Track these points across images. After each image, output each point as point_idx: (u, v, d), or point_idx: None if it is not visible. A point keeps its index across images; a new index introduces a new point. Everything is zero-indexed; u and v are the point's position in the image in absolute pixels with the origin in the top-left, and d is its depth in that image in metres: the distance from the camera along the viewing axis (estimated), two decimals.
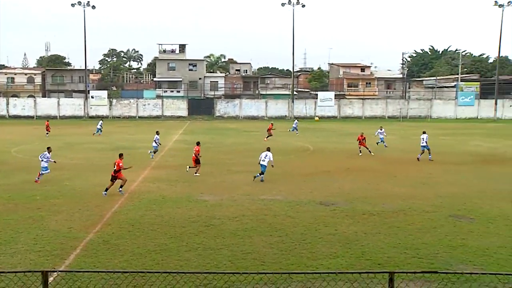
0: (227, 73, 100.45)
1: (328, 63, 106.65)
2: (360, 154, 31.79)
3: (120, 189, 19.78)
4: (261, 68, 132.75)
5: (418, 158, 29.28)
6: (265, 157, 23.05)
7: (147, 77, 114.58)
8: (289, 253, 12.68)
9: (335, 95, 78.14)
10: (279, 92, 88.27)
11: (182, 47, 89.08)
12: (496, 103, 74.75)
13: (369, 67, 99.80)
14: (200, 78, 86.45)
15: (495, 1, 71.58)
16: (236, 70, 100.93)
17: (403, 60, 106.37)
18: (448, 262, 12.02)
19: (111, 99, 75.76)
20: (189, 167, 24.82)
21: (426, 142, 29.21)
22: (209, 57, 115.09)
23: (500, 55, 79.23)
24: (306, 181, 22.80)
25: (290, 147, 36.49)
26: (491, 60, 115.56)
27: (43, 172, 22.53)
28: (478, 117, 74.68)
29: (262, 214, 16.72)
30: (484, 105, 76.21)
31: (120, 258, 12.28)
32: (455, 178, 23.78)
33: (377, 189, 21.07)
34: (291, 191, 20.61)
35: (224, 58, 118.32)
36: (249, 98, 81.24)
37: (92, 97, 75.20)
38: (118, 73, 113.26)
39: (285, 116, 74.42)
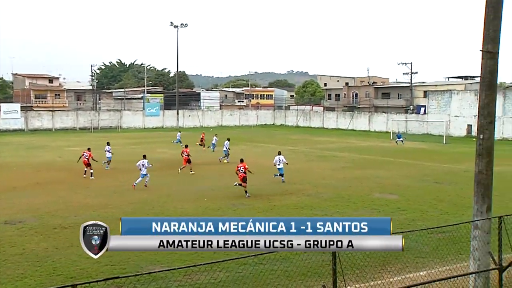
0: None
1: (12, 73, 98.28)
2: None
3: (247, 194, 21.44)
4: None
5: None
6: (279, 161, 25.22)
7: None
8: None
9: (21, 107, 72.41)
10: None
11: None
12: (177, 114, 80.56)
13: (58, 78, 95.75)
14: None
15: (171, 22, 77.20)
16: None
17: (92, 72, 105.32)
18: (138, 265, 12.32)
19: None
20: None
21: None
22: None
23: (179, 70, 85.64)
24: None
25: None
26: (172, 74, 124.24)
27: (141, 178, 23.46)
28: (164, 126, 79.09)
29: None
30: (168, 115, 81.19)
31: None
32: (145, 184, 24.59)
33: (69, 201, 20.28)
34: None
35: None
36: None
37: None
38: None
39: None
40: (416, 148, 46.31)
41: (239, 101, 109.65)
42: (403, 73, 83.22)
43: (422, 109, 70.45)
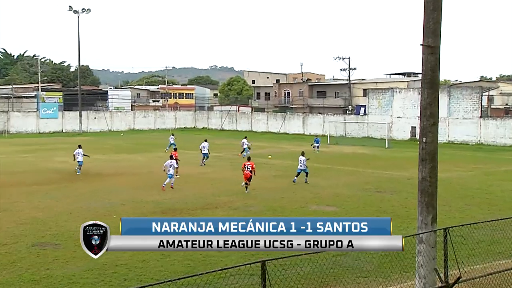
0: None
1: None
2: None
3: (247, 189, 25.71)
4: None
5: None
6: (300, 162, 28.88)
7: None
8: None
9: None
10: None
11: None
12: (80, 115, 78.27)
13: None
14: None
15: (70, 6, 74.88)
16: None
17: None
18: None
19: None
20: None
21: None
22: None
23: (81, 64, 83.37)
24: None
25: None
26: (72, 69, 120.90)
27: (169, 179, 26.74)
28: (63, 131, 76.75)
29: None
30: (69, 117, 78.80)
31: None
32: (39, 200, 23.72)
33: None
34: None
35: None
36: None
37: None
38: None
39: None
40: (356, 153, 47.69)
41: (154, 101, 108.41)
42: (340, 69, 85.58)
43: (362, 109, 72.78)
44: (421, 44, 10.16)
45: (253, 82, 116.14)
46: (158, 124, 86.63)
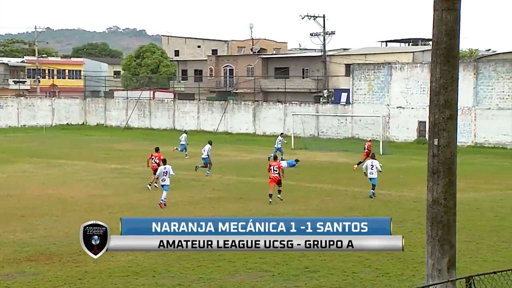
0: None
1: None
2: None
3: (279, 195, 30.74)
4: None
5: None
6: (371, 168, 31.45)
7: None
8: None
9: None
10: None
11: None
12: None
13: None
14: None
15: None
16: None
17: None
18: None
19: None
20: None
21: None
22: None
23: None
24: None
25: None
26: None
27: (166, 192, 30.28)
28: None
29: None
30: None
31: None
32: None
33: None
34: None
35: None
36: None
37: None
38: None
39: None
40: (335, 162, 48.01)
41: (16, 82, 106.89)
42: (311, 34, 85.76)
43: (344, 95, 73.19)
44: None
45: (177, 53, 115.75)
46: (24, 119, 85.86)
